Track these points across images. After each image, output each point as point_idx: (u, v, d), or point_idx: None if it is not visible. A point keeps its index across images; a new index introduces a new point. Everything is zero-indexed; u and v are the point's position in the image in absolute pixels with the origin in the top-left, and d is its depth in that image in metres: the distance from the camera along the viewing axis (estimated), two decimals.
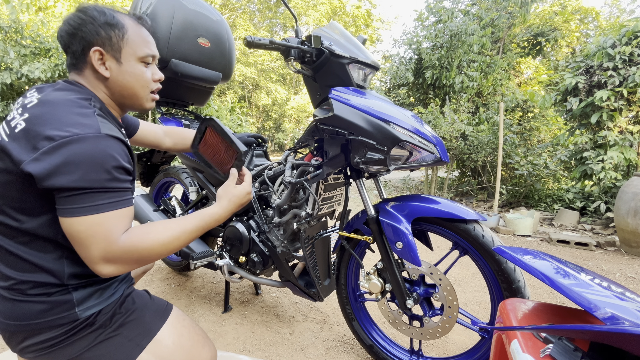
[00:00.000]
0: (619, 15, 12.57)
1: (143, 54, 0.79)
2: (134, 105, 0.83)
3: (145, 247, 0.70)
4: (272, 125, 22.92)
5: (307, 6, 19.51)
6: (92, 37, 0.73)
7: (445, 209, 1.06)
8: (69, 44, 0.74)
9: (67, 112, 0.67)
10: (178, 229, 0.76)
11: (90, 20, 0.73)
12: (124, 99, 0.81)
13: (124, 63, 0.77)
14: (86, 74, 0.77)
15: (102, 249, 0.66)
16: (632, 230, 2.82)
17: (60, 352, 0.73)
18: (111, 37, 0.74)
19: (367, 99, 1.08)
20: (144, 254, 0.70)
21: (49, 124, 0.64)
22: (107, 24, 0.74)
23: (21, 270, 0.70)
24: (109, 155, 0.66)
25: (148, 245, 0.70)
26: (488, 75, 7.11)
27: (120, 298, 0.81)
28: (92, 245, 0.65)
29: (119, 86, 0.78)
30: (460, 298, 2.00)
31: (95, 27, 0.73)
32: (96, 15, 0.73)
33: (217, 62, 1.78)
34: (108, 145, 0.67)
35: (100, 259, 0.66)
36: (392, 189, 7.17)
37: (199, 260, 1.53)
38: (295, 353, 1.43)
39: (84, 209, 0.64)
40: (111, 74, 0.76)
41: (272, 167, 1.51)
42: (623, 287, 0.72)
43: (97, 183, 0.65)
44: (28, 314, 0.70)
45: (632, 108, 3.81)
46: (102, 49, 0.74)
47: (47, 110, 0.67)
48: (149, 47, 0.81)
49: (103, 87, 0.78)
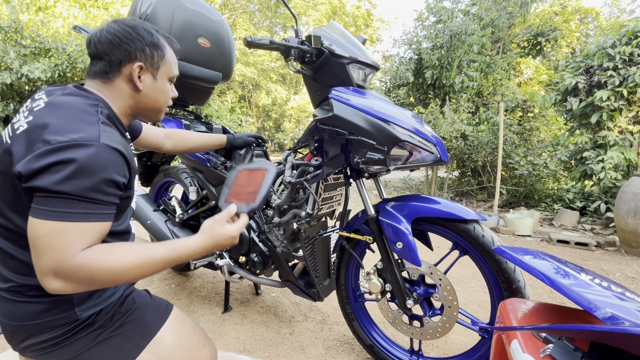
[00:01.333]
0: (619, 15, 12.58)
1: (173, 74, 0.87)
2: (150, 117, 0.88)
3: (100, 269, 0.63)
4: (272, 125, 22.91)
5: (307, 6, 19.51)
6: (137, 52, 0.78)
7: (445, 209, 1.06)
8: (108, 53, 0.77)
9: (70, 118, 0.67)
10: (143, 256, 0.68)
11: (139, 38, 0.78)
12: (145, 111, 0.86)
13: (158, 80, 0.84)
14: (116, 83, 0.79)
15: (55, 260, 0.61)
16: (632, 230, 2.82)
17: (60, 352, 0.73)
18: (154, 56, 0.81)
19: (367, 99, 1.08)
20: (98, 276, 0.63)
21: (50, 128, 0.64)
22: (153, 44, 0.80)
23: (21, 274, 0.70)
24: (101, 166, 0.64)
25: (105, 267, 0.64)
26: (488, 75, 7.11)
27: (120, 298, 0.81)
28: (45, 254, 0.61)
29: (148, 99, 0.84)
30: (460, 298, 2.00)
31: (142, 45, 0.78)
32: (145, 35, 0.79)
33: (217, 62, 1.77)
34: (104, 155, 0.65)
35: (49, 271, 0.61)
36: (392, 189, 7.17)
37: (199, 260, 1.53)
38: (295, 353, 1.43)
39: (52, 213, 0.61)
40: (144, 87, 0.81)
41: None
42: (623, 287, 0.72)
43: (78, 190, 0.62)
44: (28, 315, 0.70)
45: (632, 108, 3.81)
46: (143, 64, 0.79)
47: (51, 113, 0.67)
48: (177, 68, 0.89)
49: (130, 98, 0.81)
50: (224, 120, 8.48)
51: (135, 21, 0.80)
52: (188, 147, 1.36)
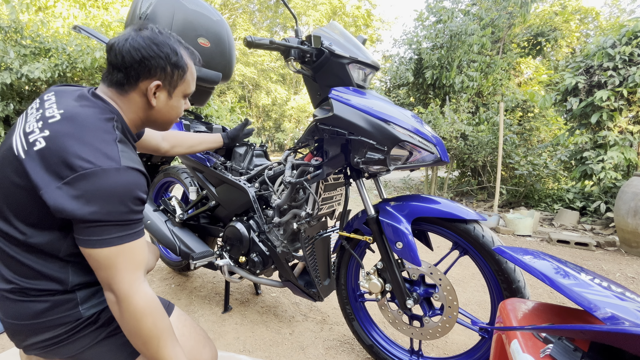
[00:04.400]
0: (619, 15, 12.57)
1: (190, 91, 0.85)
2: (159, 128, 0.88)
3: (144, 315, 0.67)
4: (272, 125, 22.91)
5: (307, 6, 19.50)
6: (157, 71, 0.76)
7: (445, 209, 1.06)
8: (130, 66, 0.74)
9: (90, 137, 0.66)
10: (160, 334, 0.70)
11: (163, 57, 0.76)
12: (155, 124, 0.85)
13: (173, 98, 0.82)
14: (130, 96, 0.78)
15: (126, 280, 0.67)
16: (632, 230, 2.82)
17: (63, 350, 0.73)
18: (174, 75, 0.79)
19: (367, 99, 1.08)
20: (135, 315, 0.67)
21: (70, 149, 0.64)
22: (175, 65, 0.78)
23: (25, 277, 0.70)
24: (128, 189, 0.67)
25: (150, 317, 0.68)
26: (488, 75, 7.11)
27: None
28: (116, 275, 0.66)
29: (160, 115, 0.83)
30: (460, 298, 2.00)
31: (164, 64, 0.76)
32: (169, 53, 0.77)
33: (217, 62, 1.77)
34: (128, 178, 0.67)
35: (108, 287, 0.67)
36: (392, 189, 7.17)
37: (199, 260, 1.54)
38: (295, 353, 1.43)
39: (101, 242, 0.65)
40: (158, 104, 0.80)
41: (272, 167, 1.51)
42: (623, 287, 0.72)
43: (116, 216, 0.65)
44: (32, 314, 0.70)
45: (632, 108, 3.80)
46: (161, 83, 0.78)
47: (69, 132, 0.66)
48: (194, 84, 0.87)
49: (142, 111, 0.81)
50: (224, 120, 8.47)
51: (161, 36, 0.77)
52: (185, 148, 1.36)
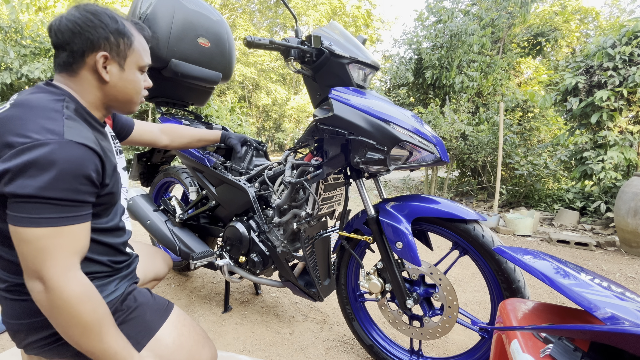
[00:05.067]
0: (619, 15, 12.57)
1: (144, 63, 0.82)
2: (123, 109, 0.84)
3: (86, 300, 0.64)
4: (272, 125, 22.91)
5: (307, 6, 19.50)
6: (100, 41, 0.73)
7: (445, 209, 1.06)
8: (69, 42, 0.72)
9: (33, 117, 0.64)
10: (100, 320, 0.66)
11: (102, 25, 0.72)
12: (117, 103, 0.81)
13: (126, 70, 0.78)
14: (81, 75, 0.75)
15: (40, 266, 0.61)
16: (632, 230, 2.82)
17: (62, 349, 0.73)
18: (119, 44, 0.75)
19: (367, 99, 1.08)
20: (70, 302, 0.62)
21: (11, 130, 0.62)
22: (118, 31, 0.75)
23: (14, 273, 0.70)
24: (73, 165, 0.62)
25: (89, 303, 0.64)
26: (488, 75, 7.11)
27: (121, 295, 0.81)
28: (31, 259, 0.61)
29: (117, 91, 0.79)
30: (460, 298, 2.00)
31: (106, 33, 0.73)
32: (109, 21, 0.73)
33: (217, 62, 1.78)
34: (72, 152, 0.63)
35: (33, 274, 0.62)
36: (392, 189, 7.17)
37: (199, 260, 1.53)
38: (295, 353, 1.43)
39: (29, 220, 0.60)
40: (111, 78, 0.77)
41: (272, 167, 1.51)
42: (623, 287, 0.72)
43: (49, 193, 0.60)
44: (27, 313, 0.71)
45: (632, 108, 3.80)
46: (108, 54, 0.74)
47: (14, 114, 0.65)
48: (148, 56, 0.84)
49: (97, 89, 0.77)
50: (224, 120, 8.48)
51: (98, 7, 0.74)
52: (185, 141, 1.36)
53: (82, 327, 0.64)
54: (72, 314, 0.63)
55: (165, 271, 1.21)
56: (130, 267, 0.89)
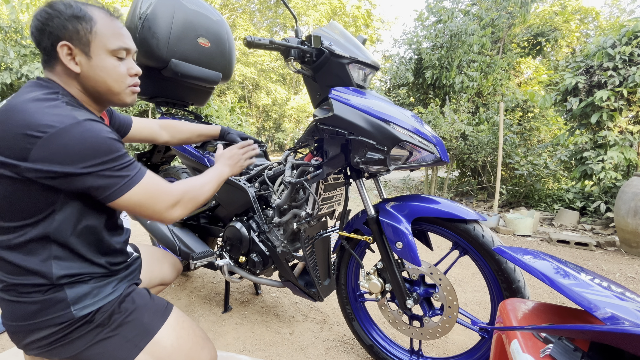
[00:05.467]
0: (619, 15, 12.57)
1: (114, 46, 0.75)
2: (112, 100, 0.81)
3: (191, 188, 0.85)
4: (272, 125, 22.91)
5: (307, 6, 19.50)
6: (59, 31, 0.70)
7: (445, 209, 1.06)
8: (40, 41, 0.71)
9: (35, 109, 0.65)
10: (202, 178, 0.93)
11: (57, 14, 0.70)
12: (100, 95, 0.78)
13: (94, 57, 0.74)
14: (57, 70, 0.74)
15: (165, 199, 0.77)
16: (632, 230, 2.82)
17: (60, 350, 0.73)
18: (78, 30, 0.71)
19: (367, 99, 1.08)
20: (193, 194, 0.85)
21: (23, 123, 0.63)
22: (73, 16, 0.71)
23: (11, 274, 0.71)
24: (101, 134, 0.68)
25: (191, 186, 0.86)
26: (488, 75, 7.11)
27: (119, 297, 0.80)
28: (157, 202, 0.76)
29: (92, 81, 0.75)
30: (460, 298, 2.00)
31: (62, 21, 0.70)
32: (62, 8, 0.70)
33: (217, 62, 1.77)
34: (93, 126, 0.67)
35: (168, 207, 0.78)
36: (392, 189, 7.17)
37: (199, 260, 1.53)
38: (295, 353, 1.43)
39: (125, 186, 0.71)
40: (81, 69, 0.74)
41: (272, 167, 1.51)
42: (623, 287, 0.72)
43: (113, 162, 0.69)
44: (25, 315, 0.71)
45: (632, 108, 3.80)
46: (69, 43, 0.71)
47: (16, 108, 0.65)
48: (122, 39, 0.77)
49: (75, 83, 0.75)
50: (224, 120, 8.47)
51: (57, 1, 0.72)
52: (184, 136, 1.36)
53: (207, 185, 0.92)
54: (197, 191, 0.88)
55: (172, 277, 1.19)
56: (130, 268, 0.88)
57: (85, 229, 0.75)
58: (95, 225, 0.77)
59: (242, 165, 1.13)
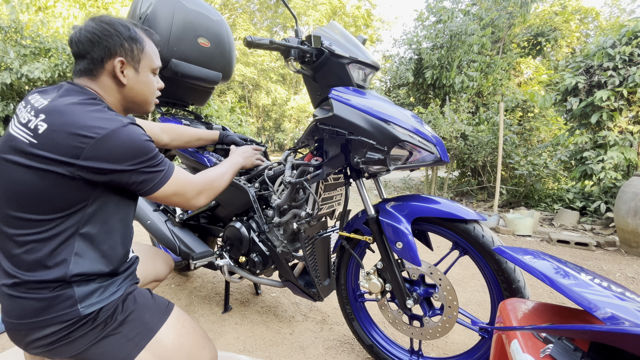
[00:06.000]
0: (619, 15, 12.57)
1: (155, 65, 0.90)
2: (140, 109, 0.92)
3: (212, 178, 0.98)
4: (272, 125, 22.91)
5: (307, 6, 19.50)
6: (116, 48, 0.81)
7: (445, 209, 1.06)
8: (89, 51, 0.79)
9: (83, 112, 0.71)
10: (220, 168, 1.06)
11: (117, 34, 0.81)
12: (134, 104, 0.90)
13: (141, 73, 0.87)
14: (101, 80, 0.83)
15: (192, 189, 0.89)
16: (632, 230, 2.82)
17: (63, 349, 0.73)
18: (133, 49, 0.83)
19: (367, 99, 1.08)
20: (215, 183, 0.98)
21: (75, 125, 0.69)
22: (131, 38, 0.83)
23: (27, 270, 0.71)
24: (142, 137, 0.76)
25: (212, 176, 0.98)
26: (488, 75, 7.11)
27: (122, 296, 0.81)
28: (186, 192, 0.87)
29: (134, 93, 0.87)
30: (460, 298, 2.00)
31: (120, 40, 0.81)
32: (122, 30, 0.82)
33: (217, 62, 1.77)
34: (136, 130, 0.76)
35: (195, 195, 0.90)
36: (392, 189, 7.17)
37: (199, 260, 1.53)
38: (295, 353, 1.43)
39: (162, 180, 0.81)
40: (128, 82, 0.85)
41: (272, 167, 1.51)
42: (623, 287, 0.72)
43: (152, 160, 0.78)
44: (30, 312, 0.71)
45: (632, 108, 3.80)
46: (124, 59, 0.82)
47: (64, 111, 0.71)
48: (158, 60, 0.92)
49: (116, 92, 0.85)
50: (224, 120, 8.46)
51: (112, 17, 0.83)
52: (184, 141, 1.39)
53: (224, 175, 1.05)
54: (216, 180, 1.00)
55: (166, 272, 1.22)
56: (131, 267, 0.89)
57: (111, 224, 0.79)
58: (120, 221, 0.82)
59: (253, 160, 1.31)
